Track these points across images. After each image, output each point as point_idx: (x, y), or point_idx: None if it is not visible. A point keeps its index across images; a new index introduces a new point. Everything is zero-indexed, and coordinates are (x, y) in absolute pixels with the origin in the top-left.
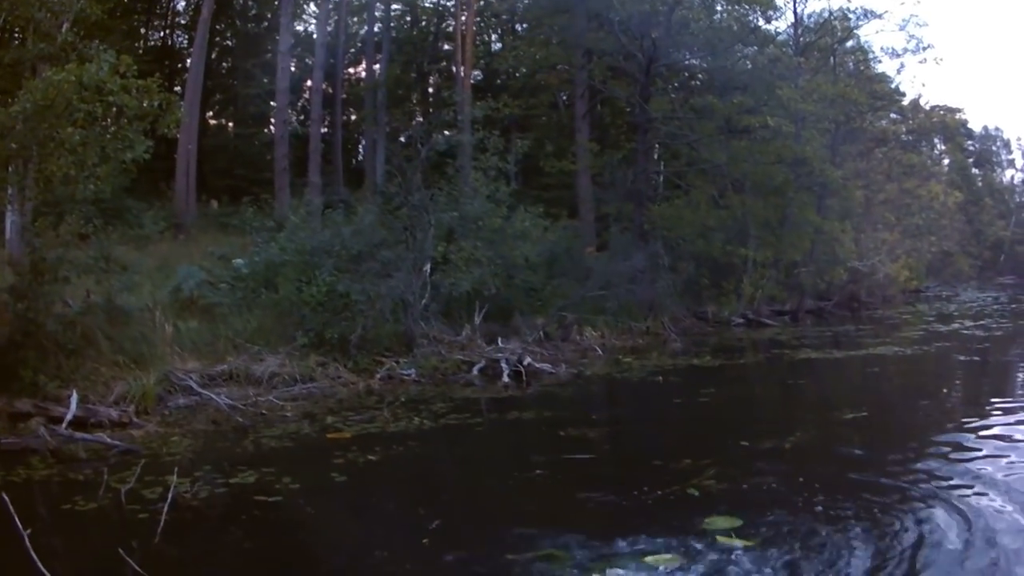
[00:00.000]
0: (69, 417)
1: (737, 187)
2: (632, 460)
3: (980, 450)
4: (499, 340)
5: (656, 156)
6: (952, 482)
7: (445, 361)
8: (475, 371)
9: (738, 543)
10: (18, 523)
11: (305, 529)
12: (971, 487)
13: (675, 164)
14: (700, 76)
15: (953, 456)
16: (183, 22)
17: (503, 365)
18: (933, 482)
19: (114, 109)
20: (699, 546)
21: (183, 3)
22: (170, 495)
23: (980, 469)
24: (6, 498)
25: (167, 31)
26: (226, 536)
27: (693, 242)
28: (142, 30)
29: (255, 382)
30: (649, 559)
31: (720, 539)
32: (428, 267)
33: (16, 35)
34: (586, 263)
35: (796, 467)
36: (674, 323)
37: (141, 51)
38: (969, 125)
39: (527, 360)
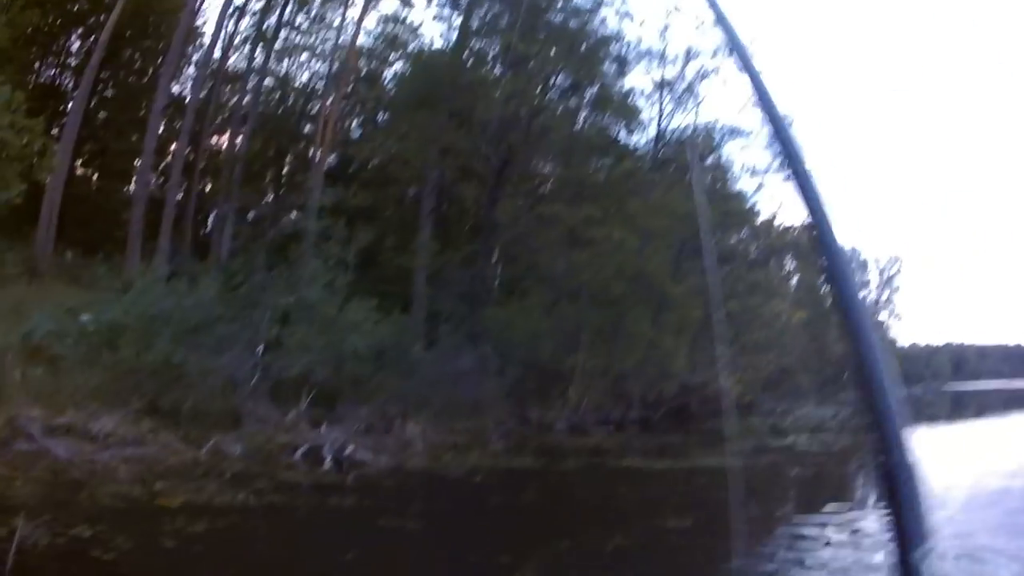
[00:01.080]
0: None
1: (573, 296)
2: (451, 555)
3: (806, 559)
4: (323, 426)
5: (495, 259)
6: None
7: (271, 441)
8: (299, 455)
9: None
10: None
11: None
12: None
13: (513, 268)
14: (552, 184)
15: (771, 566)
16: (74, 63)
17: (326, 451)
18: None
19: None
20: None
21: (77, 44)
22: (15, 538)
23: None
24: None
25: (58, 69)
26: None
27: (523, 346)
28: (36, 64)
29: (92, 438)
30: None
31: None
32: (261, 347)
33: None
34: (414, 358)
35: (617, 567)
36: (498, 425)
37: (31, 86)
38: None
39: (350, 448)
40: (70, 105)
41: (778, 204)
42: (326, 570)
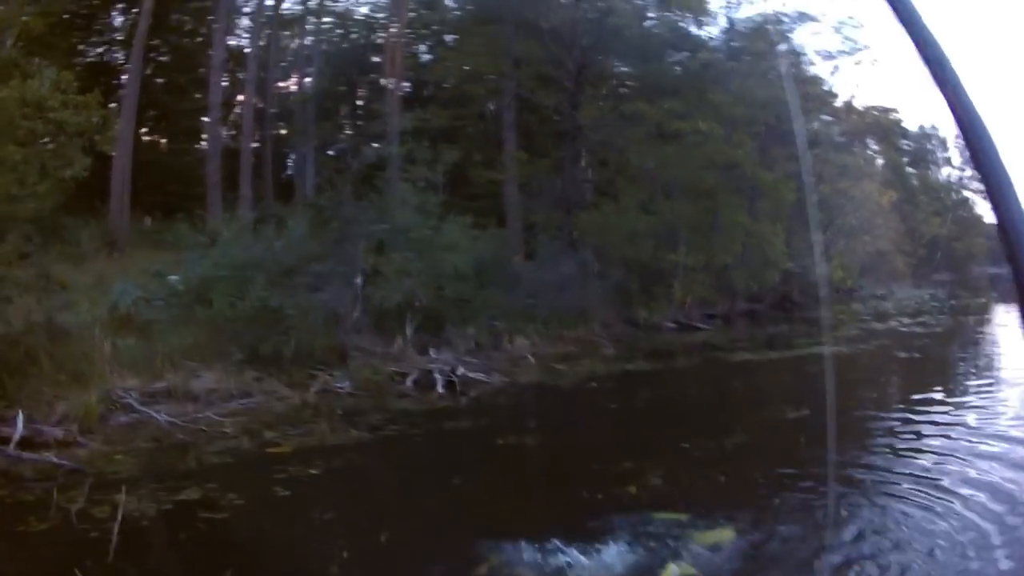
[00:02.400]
0: (16, 437)
1: (667, 192)
2: (572, 465)
3: (926, 443)
4: (431, 351)
5: (584, 163)
6: (899, 475)
7: (379, 373)
8: (409, 382)
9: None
10: None
11: (253, 545)
12: (919, 480)
13: (604, 171)
14: (630, 82)
15: (900, 448)
16: (120, 38)
17: (436, 376)
18: (880, 476)
19: (52, 127)
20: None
21: (120, 19)
22: (119, 513)
23: (926, 462)
24: None
25: (105, 47)
26: (176, 552)
27: (622, 248)
28: (80, 46)
29: (193, 399)
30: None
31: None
32: (359, 279)
33: None
34: (515, 272)
35: (740, 466)
36: (605, 329)
37: (80, 68)
38: (904, 124)
39: (460, 370)
40: (124, 77)
41: (855, 87)
42: (443, 497)
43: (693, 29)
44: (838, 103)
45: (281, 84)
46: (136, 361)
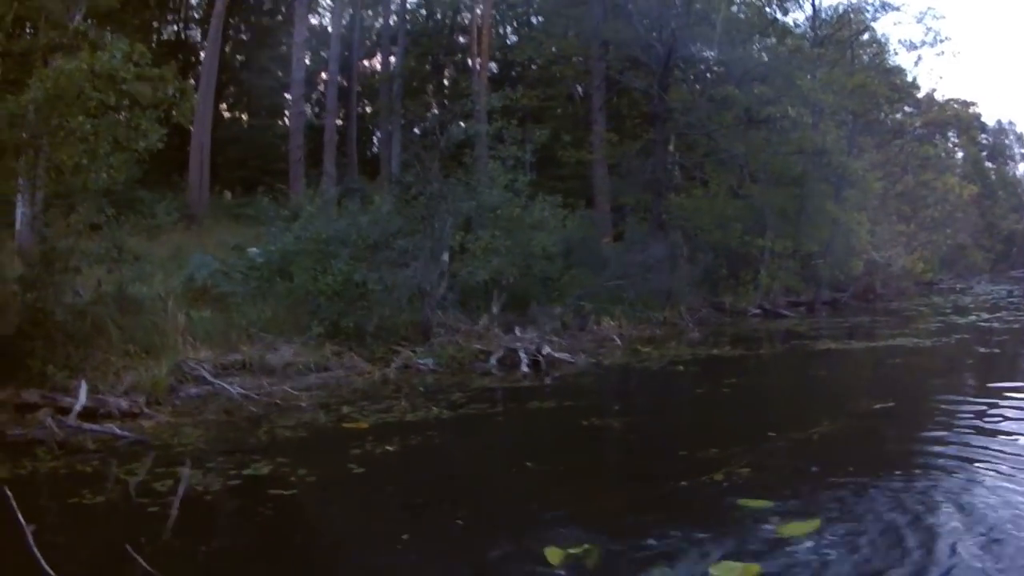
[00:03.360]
0: (78, 408)
1: (755, 177)
2: (657, 450)
3: (1015, 438)
4: (516, 330)
5: (672, 147)
6: (988, 467)
7: (462, 350)
8: (493, 361)
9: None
10: (20, 518)
11: (322, 522)
12: (1012, 475)
13: (692, 155)
14: (718, 67)
15: (988, 443)
16: (196, 16)
17: (521, 355)
18: (972, 466)
19: (126, 100)
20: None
21: None
22: (181, 488)
23: (1017, 456)
24: (8, 493)
25: (180, 25)
26: (239, 530)
27: (711, 232)
28: (155, 23)
29: (269, 372)
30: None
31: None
32: (446, 256)
33: (28, 27)
34: (603, 253)
35: (828, 455)
36: (691, 313)
37: (154, 45)
38: (983, 119)
39: (546, 349)
40: (202, 55)
41: (937, 78)
42: (521, 480)
43: (779, 15)
44: (920, 94)
45: (365, 63)
46: (211, 333)
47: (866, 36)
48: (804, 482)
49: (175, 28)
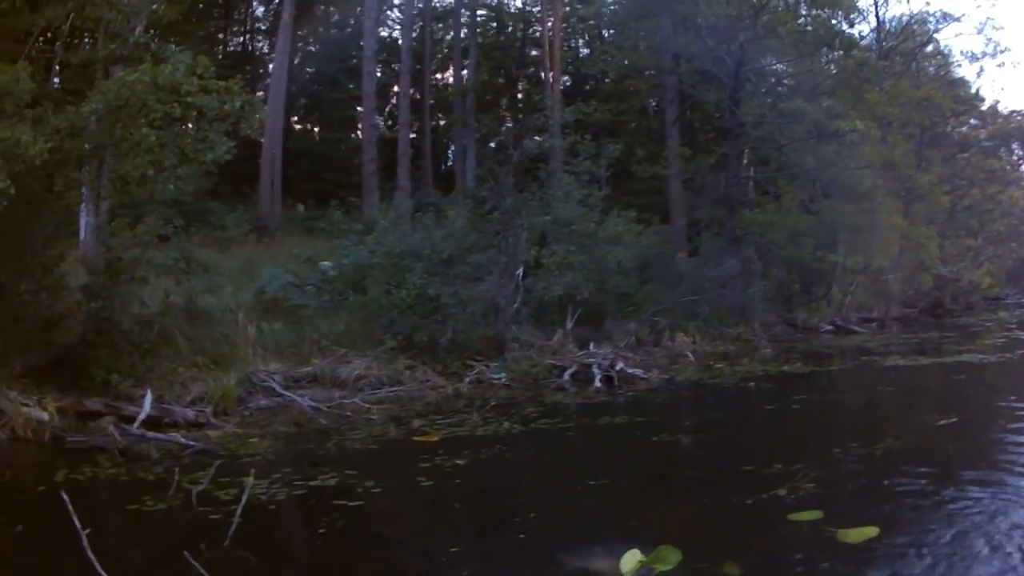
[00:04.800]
0: (142, 416)
1: (826, 192)
2: (724, 466)
3: None
4: (591, 345)
5: (745, 161)
6: None
7: (536, 365)
8: (566, 376)
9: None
10: (76, 521)
11: (386, 534)
12: None
13: (764, 169)
14: (787, 81)
15: None
16: (263, 27)
17: (595, 370)
18: None
19: (194, 112)
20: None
21: (262, 9)
22: (244, 496)
23: None
24: (64, 496)
25: (246, 36)
26: (301, 540)
27: (784, 248)
28: (220, 35)
29: (340, 384)
30: None
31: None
32: (520, 271)
33: (87, 37)
34: (678, 268)
35: (890, 471)
36: (765, 329)
37: (220, 56)
38: None
39: (619, 365)
40: (270, 67)
41: (999, 89)
42: (589, 495)
43: (845, 27)
44: (984, 106)
45: (438, 76)
46: (282, 345)
47: (930, 48)
48: (865, 496)
49: (241, 40)
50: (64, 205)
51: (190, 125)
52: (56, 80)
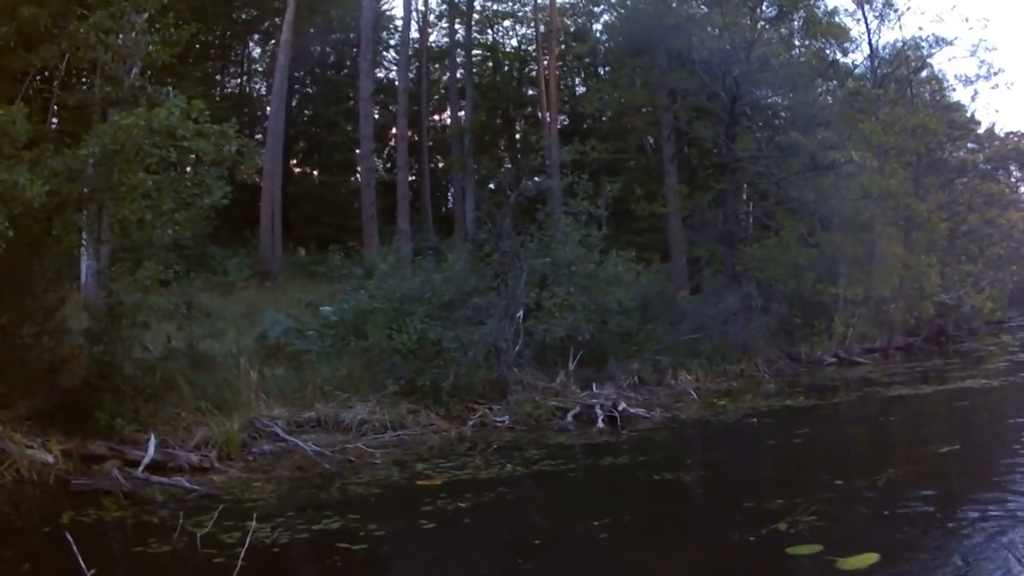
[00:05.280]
0: (146, 460)
1: (825, 224)
2: (724, 502)
3: None
4: (593, 386)
5: (744, 196)
6: None
7: (539, 407)
8: (569, 417)
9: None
10: (82, 563)
11: None
12: None
13: (764, 204)
14: (783, 113)
15: None
16: (260, 69)
17: (597, 411)
18: None
19: (192, 156)
20: None
21: (259, 50)
22: (247, 540)
23: None
24: (69, 537)
25: (243, 78)
26: None
27: (784, 282)
28: (217, 76)
29: (344, 429)
30: None
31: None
32: (521, 313)
33: (84, 79)
34: (679, 306)
35: (890, 503)
36: (767, 364)
37: (218, 98)
38: None
39: (622, 405)
40: (268, 109)
41: (994, 112)
42: (591, 536)
43: (839, 56)
44: (980, 130)
45: (436, 117)
46: (284, 391)
47: (924, 73)
48: (866, 525)
49: (239, 81)
50: (64, 249)
51: (188, 169)
52: (54, 121)
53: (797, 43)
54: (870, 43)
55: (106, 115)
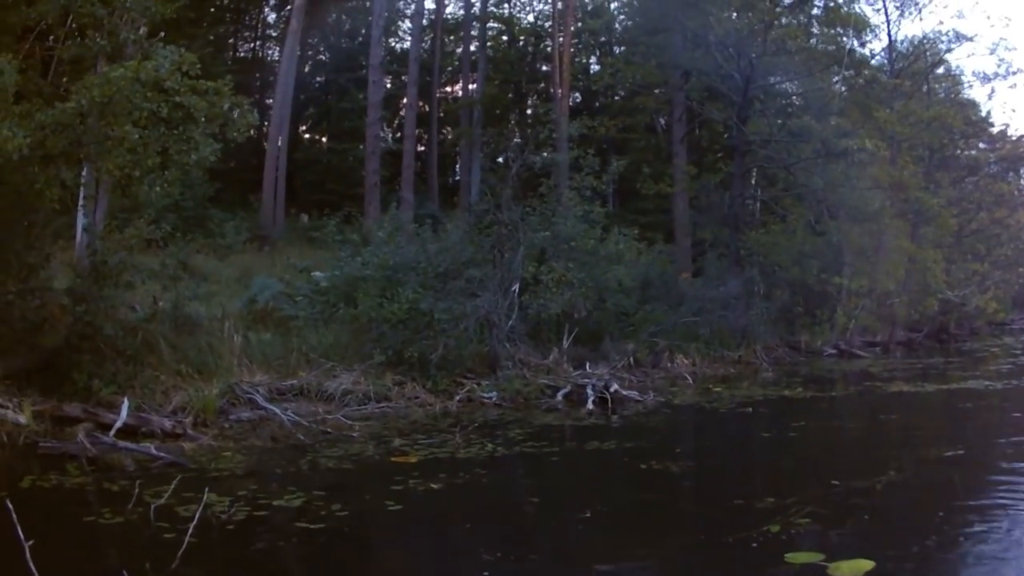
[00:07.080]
0: (118, 425)
1: (832, 213)
2: (712, 498)
3: None
4: (587, 365)
5: (753, 181)
6: None
7: (529, 385)
8: (559, 396)
9: None
10: (20, 532)
11: (340, 562)
12: None
13: (772, 189)
14: (796, 99)
15: None
16: (274, 34)
17: (588, 391)
18: None
19: (180, 112)
20: None
21: (273, 15)
22: (197, 515)
23: None
24: (9, 506)
25: (257, 43)
26: (253, 564)
27: (788, 269)
28: (231, 40)
29: (326, 399)
30: None
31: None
32: (516, 287)
33: (85, 36)
34: (680, 288)
35: (890, 507)
36: (766, 352)
37: (229, 61)
38: None
39: (614, 387)
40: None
41: (1011, 112)
42: (565, 527)
43: (856, 45)
44: (994, 130)
45: (447, 89)
46: (269, 357)
47: (941, 69)
48: (863, 531)
49: (252, 46)
50: (47, 204)
51: (180, 128)
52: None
53: (815, 30)
54: (889, 34)
55: (98, 70)
